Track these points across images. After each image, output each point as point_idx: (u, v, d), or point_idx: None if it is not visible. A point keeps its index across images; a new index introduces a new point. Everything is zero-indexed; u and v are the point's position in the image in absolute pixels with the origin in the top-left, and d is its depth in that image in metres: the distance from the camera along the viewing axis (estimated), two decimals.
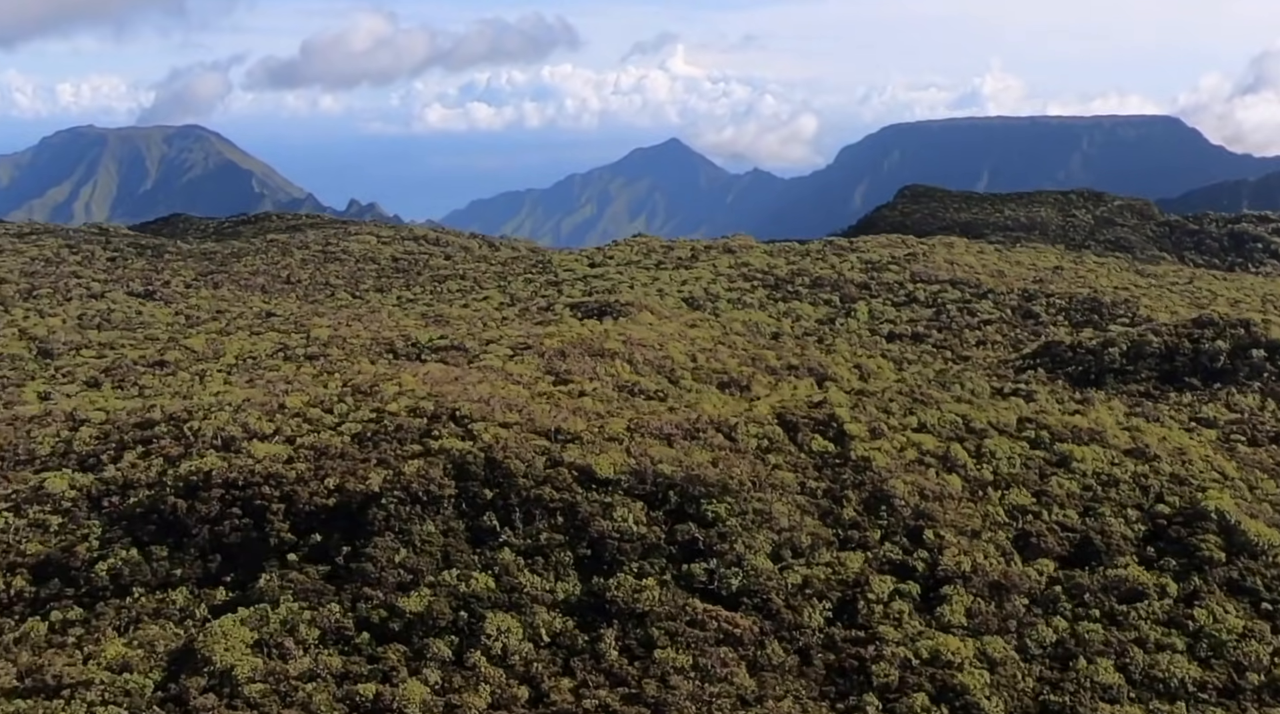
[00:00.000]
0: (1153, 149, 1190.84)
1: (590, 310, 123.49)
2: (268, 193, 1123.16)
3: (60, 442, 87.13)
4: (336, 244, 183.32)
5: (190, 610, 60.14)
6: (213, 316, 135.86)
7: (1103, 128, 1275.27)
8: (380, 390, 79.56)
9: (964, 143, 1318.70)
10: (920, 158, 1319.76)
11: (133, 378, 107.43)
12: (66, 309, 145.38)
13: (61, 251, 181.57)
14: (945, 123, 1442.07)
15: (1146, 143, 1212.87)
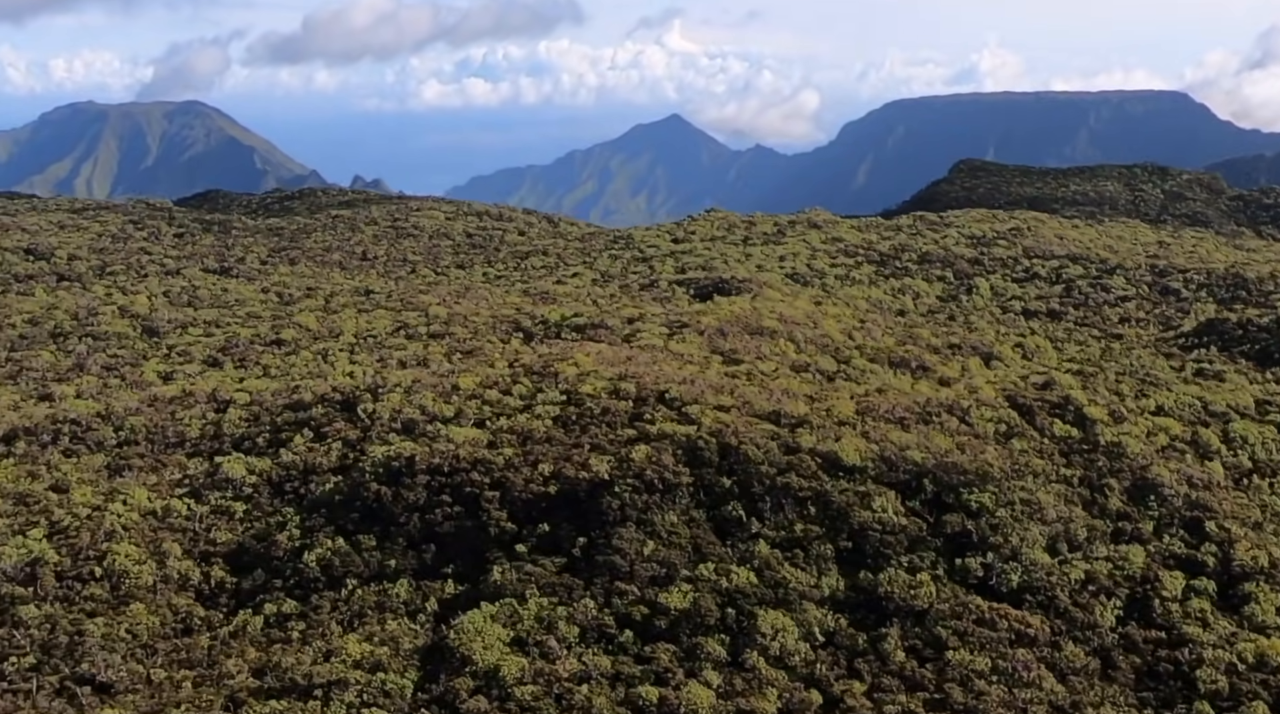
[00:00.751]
0: (1161, 124, 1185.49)
1: (704, 288, 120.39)
2: (270, 169, 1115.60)
3: (208, 424, 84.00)
4: (405, 219, 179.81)
5: (417, 604, 57.14)
6: (305, 293, 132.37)
7: (1110, 103, 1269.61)
8: (555, 371, 76.42)
9: (968, 118, 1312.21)
10: (924, 134, 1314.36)
11: (253, 357, 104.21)
12: (148, 286, 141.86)
13: (126, 227, 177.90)
14: (949, 98, 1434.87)
15: (1154, 118, 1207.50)
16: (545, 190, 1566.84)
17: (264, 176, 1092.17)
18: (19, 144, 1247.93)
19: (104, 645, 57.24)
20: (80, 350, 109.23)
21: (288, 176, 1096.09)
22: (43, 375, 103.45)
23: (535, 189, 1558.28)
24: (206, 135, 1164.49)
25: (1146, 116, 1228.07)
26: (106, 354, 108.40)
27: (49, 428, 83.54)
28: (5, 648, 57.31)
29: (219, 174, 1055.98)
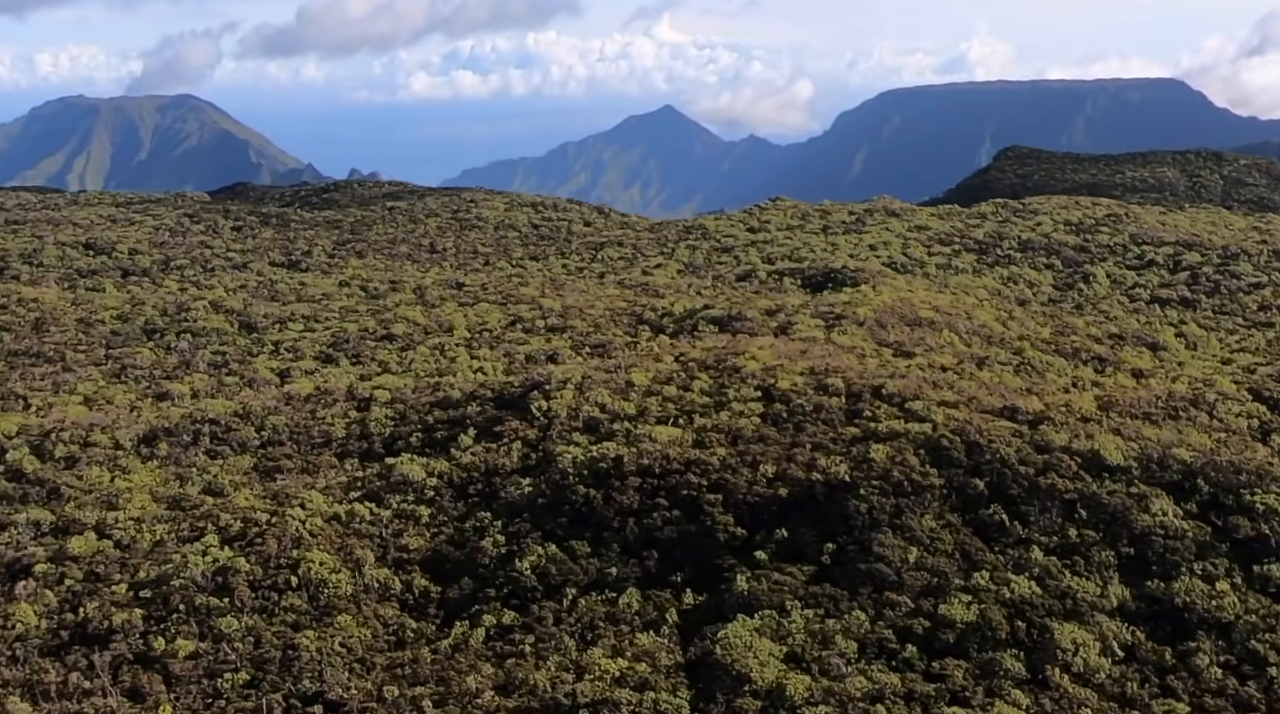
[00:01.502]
0: (1158, 112, 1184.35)
1: (812, 278, 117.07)
2: (265, 163, 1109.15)
3: (352, 423, 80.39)
4: (467, 211, 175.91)
5: (654, 616, 53.68)
6: (391, 287, 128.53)
7: (1106, 91, 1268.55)
8: (734, 365, 72.88)
9: (964, 107, 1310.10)
10: (921, 123, 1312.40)
11: (367, 352, 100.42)
12: (221, 280, 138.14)
13: (182, 221, 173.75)
14: (945, 88, 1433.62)
15: (1151, 105, 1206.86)
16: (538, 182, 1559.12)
17: (259, 170, 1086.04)
18: (10, 139, 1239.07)
19: (320, 660, 53.76)
20: (183, 347, 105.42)
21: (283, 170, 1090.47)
22: (149, 373, 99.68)
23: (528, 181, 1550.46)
24: (200, 129, 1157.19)
25: (1143, 104, 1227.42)
26: (210, 351, 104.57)
27: (188, 428, 79.83)
28: (213, 663, 53.82)
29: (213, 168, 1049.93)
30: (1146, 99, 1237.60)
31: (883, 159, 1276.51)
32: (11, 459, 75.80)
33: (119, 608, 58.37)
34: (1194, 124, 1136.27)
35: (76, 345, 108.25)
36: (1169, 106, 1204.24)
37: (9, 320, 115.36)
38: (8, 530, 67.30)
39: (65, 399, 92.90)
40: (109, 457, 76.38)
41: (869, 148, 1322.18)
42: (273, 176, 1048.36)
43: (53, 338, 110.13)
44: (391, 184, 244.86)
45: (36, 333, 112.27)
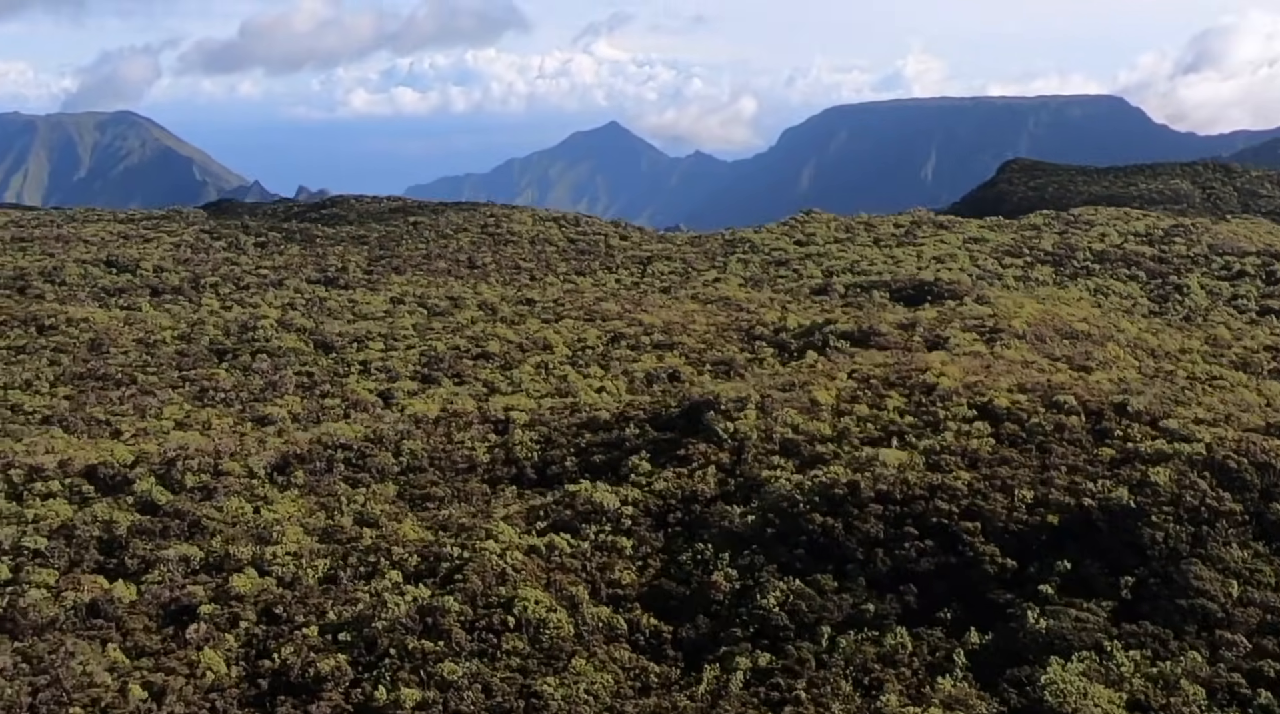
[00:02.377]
0: (1099, 128, 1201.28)
1: (904, 292, 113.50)
2: (210, 180, 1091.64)
3: (494, 447, 75.32)
4: (498, 226, 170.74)
5: (935, 658, 49.24)
6: (452, 303, 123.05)
7: (1048, 107, 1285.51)
8: (924, 382, 68.74)
9: (908, 123, 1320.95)
10: (867, 138, 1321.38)
11: (467, 372, 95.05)
12: (264, 297, 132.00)
13: (202, 237, 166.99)
14: (890, 104, 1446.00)
15: (1092, 122, 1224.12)
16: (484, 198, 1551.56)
17: (204, 187, 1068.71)
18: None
19: (568, 710, 48.82)
20: (263, 367, 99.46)
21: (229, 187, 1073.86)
22: (235, 395, 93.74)
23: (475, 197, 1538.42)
24: (142, 146, 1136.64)
25: (1084, 120, 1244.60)
26: (293, 371, 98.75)
27: (321, 455, 74.26)
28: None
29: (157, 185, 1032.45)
30: (1087, 115, 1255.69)
31: (830, 174, 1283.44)
32: (140, 490, 69.87)
33: (318, 653, 53.08)
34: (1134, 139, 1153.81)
35: (144, 367, 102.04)
36: (1109, 122, 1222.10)
37: (64, 341, 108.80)
38: (156, 568, 61.58)
39: (156, 424, 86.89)
40: (245, 486, 70.68)
41: (816, 163, 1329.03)
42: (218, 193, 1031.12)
43: (115, 359, 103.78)
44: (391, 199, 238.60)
45: (96, 354, 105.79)
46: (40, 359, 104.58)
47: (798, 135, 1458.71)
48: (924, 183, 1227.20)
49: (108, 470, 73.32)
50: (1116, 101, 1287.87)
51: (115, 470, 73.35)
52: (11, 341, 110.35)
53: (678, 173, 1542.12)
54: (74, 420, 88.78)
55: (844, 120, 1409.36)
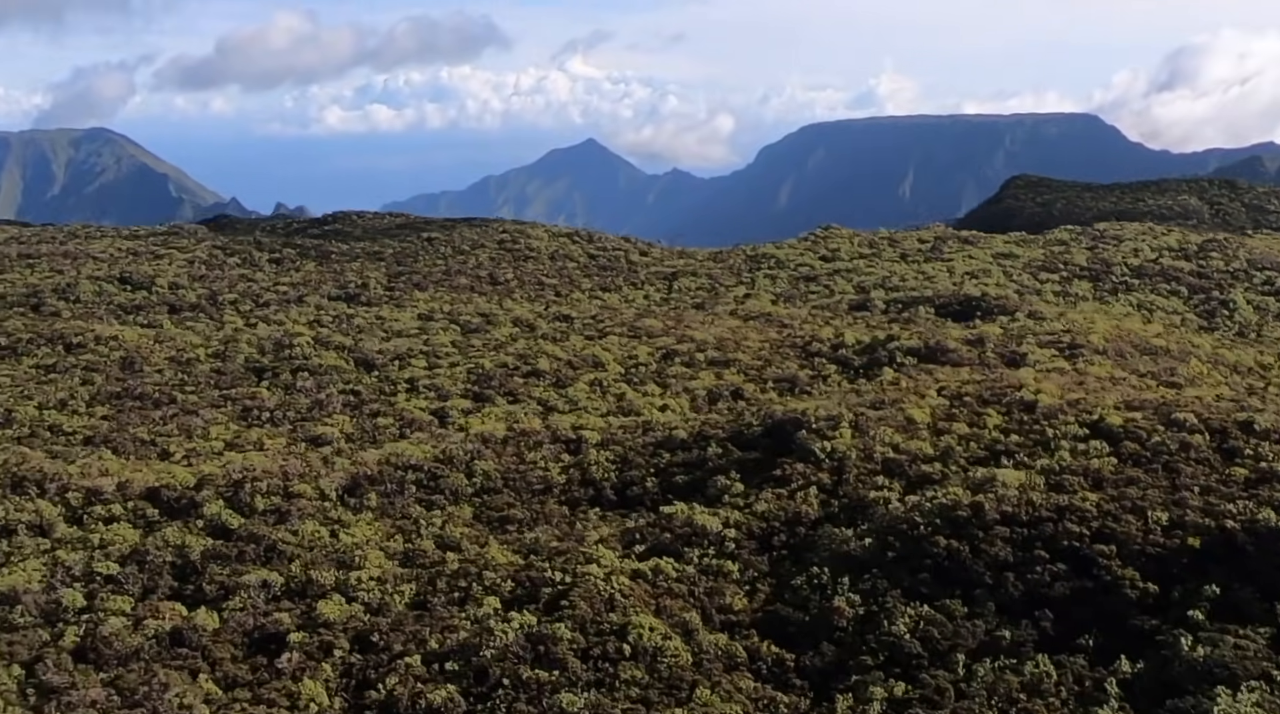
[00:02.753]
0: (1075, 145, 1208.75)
1: (950, 307, 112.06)
2: (187, 197, 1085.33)
3: (569, 467, 73.26)
4: (515, 242, 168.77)
5: (1085, 687, 47.37)
6: (484, 319, 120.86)
7: (1024, 125, 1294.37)
8: (1018, 399, 67.08)
9: (886, 141, 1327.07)
10: (844, 156, 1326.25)
11: (519, 389, 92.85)
12: (288, 314, 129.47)
13: (215, 253, 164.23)
14: (867, 121, 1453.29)
15: (1068, 140, 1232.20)
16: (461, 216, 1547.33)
17: (181, 204, 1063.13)
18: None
19: None
20: (308, 386, 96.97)
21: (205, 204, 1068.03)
22: (281, 414, 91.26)
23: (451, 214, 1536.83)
24: (117, 162, 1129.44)
25: (1060, 138, 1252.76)
26: (337, 390, 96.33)
27: (392, 476, 71.92)
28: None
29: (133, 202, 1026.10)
30: (1063, 133, 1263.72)
31: (808, 191, 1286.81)
32: (209, 513, 67.33)
33: (426, 683, 50.83)
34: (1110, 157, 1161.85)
35: (181, 386, 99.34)
36: (1085, 141, 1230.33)
37: (94, 360, 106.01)
38: (238, 595, 59.18)
39: (205, 445, 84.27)
40: (318, 509, 68.26)
41: (794, 180, 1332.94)
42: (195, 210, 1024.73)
43: (150, 378, 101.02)
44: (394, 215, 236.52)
45: (130, 372, 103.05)
46: (72, 378, 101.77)
47: (775, 153, 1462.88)
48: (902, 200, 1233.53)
49: (170, 493, 70.78)
50: (1092, 119, 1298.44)
51: (178, 493, 70.82)
52: (40, 360, 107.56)
53: (655, 190, 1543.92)
54: (119, 441, 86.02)
55: (821, 138, 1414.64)
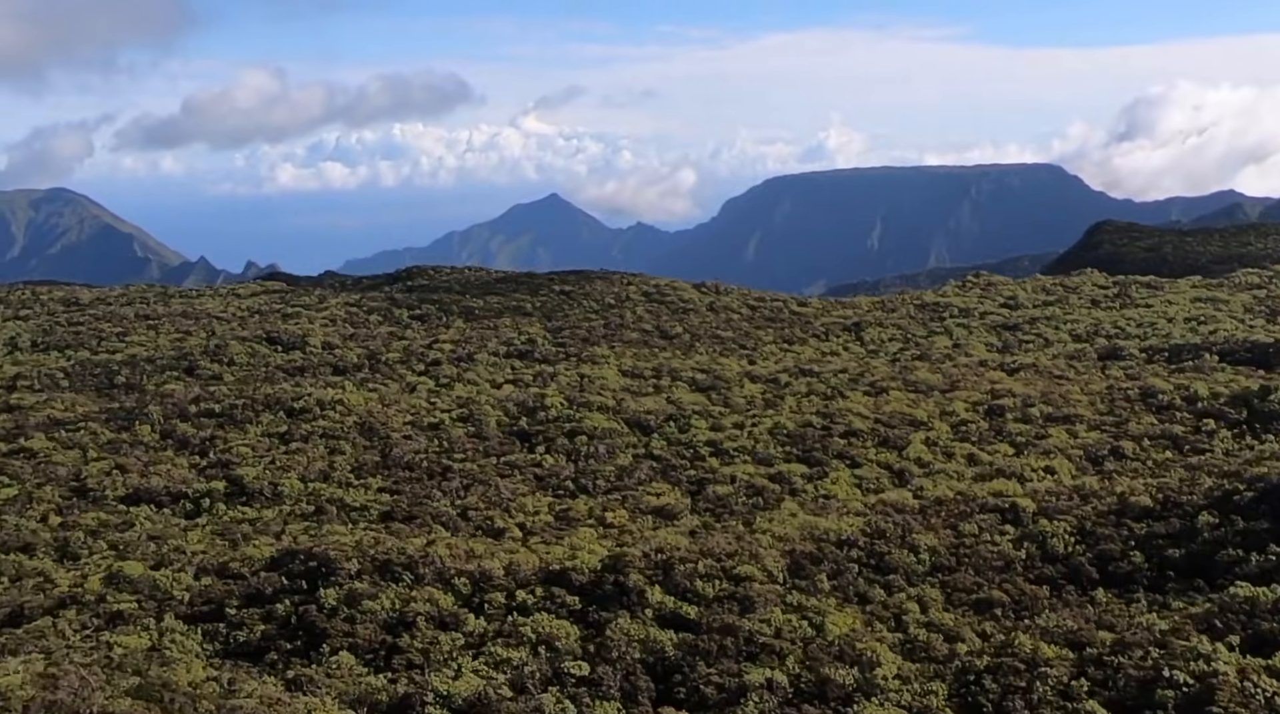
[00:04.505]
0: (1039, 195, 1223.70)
1: (1240, 356, 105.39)
2: (152, 257, 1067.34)
3: (1018, 540, 65.00)
4: (663, 296, 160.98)
5: None
6: (713, 378, 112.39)
7: (989, 176, 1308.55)
8: None
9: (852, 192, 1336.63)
10: (811, 208, 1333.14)
11: (856, 453, 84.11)
12: (476, 372, 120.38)
13: (351, 311, 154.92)
14: (831, 173, 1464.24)
15: (1032, 189, 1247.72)
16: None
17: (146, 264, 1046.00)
18: None
19: None
20: (597, 451, 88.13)
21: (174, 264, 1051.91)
22: (590, 482, 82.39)
23: None
24: (80, 223, 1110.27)
25: (1024, 188, 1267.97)
26: (633, 455, 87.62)
27: (831, 554, 63.33)
28: None
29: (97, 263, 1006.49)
30: (1027, 183, 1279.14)
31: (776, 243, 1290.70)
32: (656, 601, 58.36)
33: None
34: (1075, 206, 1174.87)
35: (446, 453, 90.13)
36: (1049, 190, 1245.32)
37: (329, 426, 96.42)
38: (748, 698, 50.34)
39: (537, 519, 75.30)
40: (775, 593, 59.47)
41: (762, 232, 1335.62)
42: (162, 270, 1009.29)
43: (407, 446, 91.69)
44: (474, 270, 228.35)
45: (377, 439, 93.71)
46: (317, 447, 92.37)
47: (739, 205, 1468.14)
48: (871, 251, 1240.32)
49: (579, 576, 61.64)
50: (1054, 169, 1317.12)
51: (587, 576, 61.80)
52: (267, 427, 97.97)
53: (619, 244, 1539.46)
54: (423, 515, 76.83)
55: (786, 190, 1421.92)
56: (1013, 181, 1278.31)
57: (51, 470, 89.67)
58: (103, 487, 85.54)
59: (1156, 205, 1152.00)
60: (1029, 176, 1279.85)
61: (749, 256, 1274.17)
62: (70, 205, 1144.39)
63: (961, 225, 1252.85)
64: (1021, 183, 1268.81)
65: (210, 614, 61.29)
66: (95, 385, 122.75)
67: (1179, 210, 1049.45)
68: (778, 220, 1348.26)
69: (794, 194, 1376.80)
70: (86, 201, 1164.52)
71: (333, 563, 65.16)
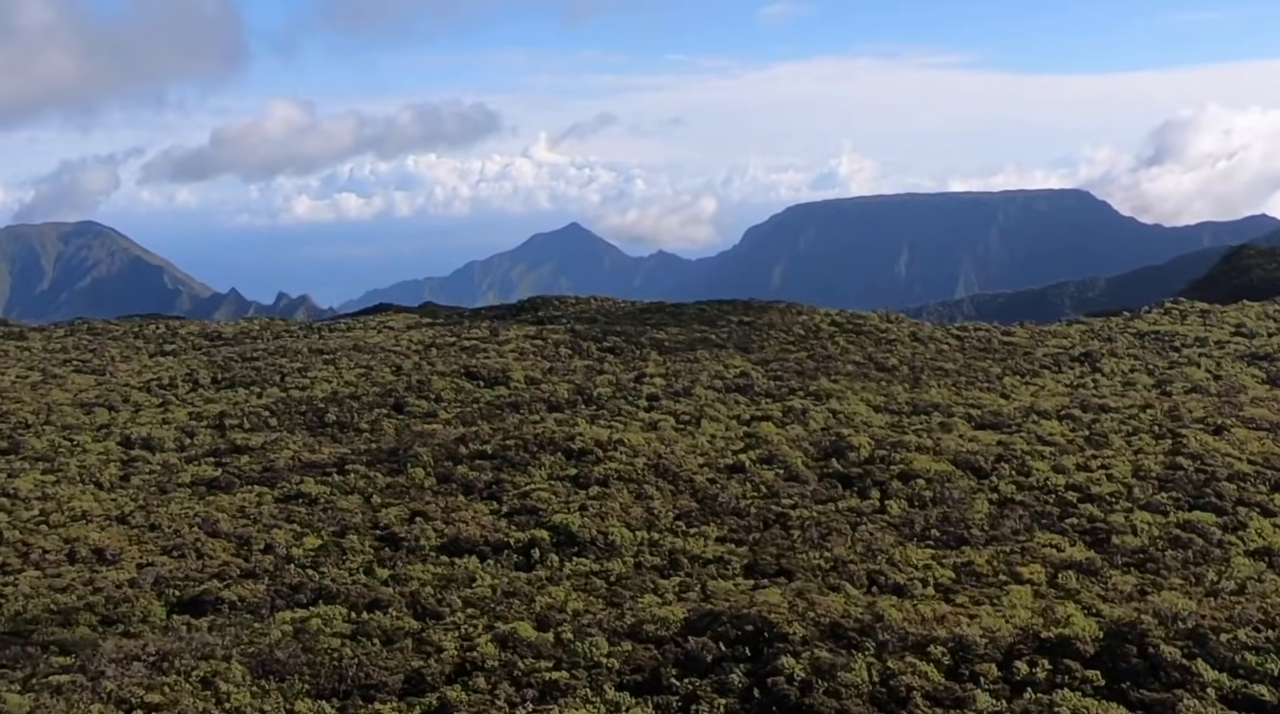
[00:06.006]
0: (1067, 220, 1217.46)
1: None
2: (183, 289, 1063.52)
3: None
4: (858, 327, 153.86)
5: None
6: (996, 415, 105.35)
7: (1015, 201, 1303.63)
8: None
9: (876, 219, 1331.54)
10: (836, 235, 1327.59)
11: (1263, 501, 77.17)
12: (719, 410, 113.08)
13: (536, 343, 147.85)
14: (854, 200, 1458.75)
15: (1060, 214, 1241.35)
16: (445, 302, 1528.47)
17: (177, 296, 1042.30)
18: None
19: None
20: (952, 496, 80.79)
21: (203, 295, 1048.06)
22: (965, 532, 74.99)
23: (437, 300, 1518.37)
24: (110, 256, 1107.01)
25: (1053, 213, 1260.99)
26: (989, 501, 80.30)
27: None
28: None
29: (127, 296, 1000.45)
30: (1055, 208, 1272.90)
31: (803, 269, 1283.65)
32: (1210, 678, 50.89)
33: None
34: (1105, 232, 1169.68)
35: (772, 498, 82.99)
36: (1077, 215, 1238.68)
37: (621, 469, 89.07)
38: None
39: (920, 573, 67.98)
40: None
41: (787, 259, 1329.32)
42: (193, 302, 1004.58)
43: (722, 491, 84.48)
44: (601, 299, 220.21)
45: (681, 485, 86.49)
46: (620, 492, 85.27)
47: (762, 233, 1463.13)
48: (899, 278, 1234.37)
49: (1082, 645, 54.23)
50: (1082, 194, 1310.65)
51: (1092, 644, 54.45)
52: (551, 470, 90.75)
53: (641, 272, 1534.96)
54: (805, 571, 69.59)
55: (811, 216, 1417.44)
56: (1040, 206, 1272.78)
57: (341, 517, 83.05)
58: (413, 536, 78.63)
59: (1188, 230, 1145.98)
60: (1056, 201, 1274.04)
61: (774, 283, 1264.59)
62: (99, 238, 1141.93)
63: (990, 251, 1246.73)
64: (1049, 208, 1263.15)
65: (648, 684, 54.21)
66: (306, 423, 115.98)
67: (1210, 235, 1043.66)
68: (802, 247, 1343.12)
69: (817, 221, 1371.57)
70: (115, 234, 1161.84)
71: (774, 626, 58.03)
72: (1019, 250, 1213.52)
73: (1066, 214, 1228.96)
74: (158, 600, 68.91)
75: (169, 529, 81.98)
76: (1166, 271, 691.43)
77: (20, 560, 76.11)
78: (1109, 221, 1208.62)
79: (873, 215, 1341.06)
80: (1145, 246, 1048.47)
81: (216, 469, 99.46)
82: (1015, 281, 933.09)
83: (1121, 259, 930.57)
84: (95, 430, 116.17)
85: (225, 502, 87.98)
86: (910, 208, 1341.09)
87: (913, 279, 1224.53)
